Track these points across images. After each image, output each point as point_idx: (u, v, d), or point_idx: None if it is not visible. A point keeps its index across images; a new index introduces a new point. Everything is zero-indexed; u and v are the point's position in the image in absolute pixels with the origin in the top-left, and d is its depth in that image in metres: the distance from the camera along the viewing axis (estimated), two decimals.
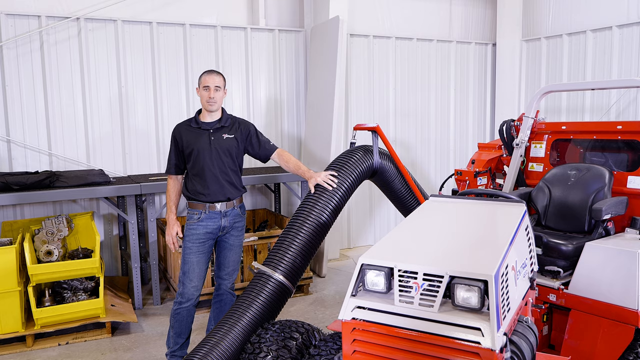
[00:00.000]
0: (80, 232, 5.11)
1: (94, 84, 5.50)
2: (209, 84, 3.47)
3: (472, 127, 7.86)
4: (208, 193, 3.50)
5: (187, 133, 3.52)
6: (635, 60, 6.15)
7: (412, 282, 2.05)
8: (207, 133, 3.51)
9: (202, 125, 3.52)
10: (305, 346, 2.89)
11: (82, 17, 5.36)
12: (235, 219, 3.60)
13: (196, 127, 3.52)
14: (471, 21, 7.73)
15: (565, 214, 3.58)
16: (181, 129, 3.56)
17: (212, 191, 3.50)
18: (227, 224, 3.56)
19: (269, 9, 6.36)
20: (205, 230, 3.51)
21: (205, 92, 3.48)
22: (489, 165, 4.60)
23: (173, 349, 3.60)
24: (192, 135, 3.51)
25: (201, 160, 3.48)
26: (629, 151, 3.77)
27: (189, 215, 3.56)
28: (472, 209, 2.73)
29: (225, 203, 3.54)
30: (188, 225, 3.55)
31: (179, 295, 3.53)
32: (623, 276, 2.90)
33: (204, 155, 3.47)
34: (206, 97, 3.47)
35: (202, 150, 3.47)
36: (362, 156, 3.80)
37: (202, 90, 3.50)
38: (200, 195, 3.50)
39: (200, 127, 3.52)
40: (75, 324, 4.26)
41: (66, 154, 5.43)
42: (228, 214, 3.56)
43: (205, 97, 3.48)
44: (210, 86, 3.47)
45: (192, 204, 3.56)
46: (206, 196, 3.50)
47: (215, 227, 3.53)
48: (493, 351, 1.83)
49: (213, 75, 3.51)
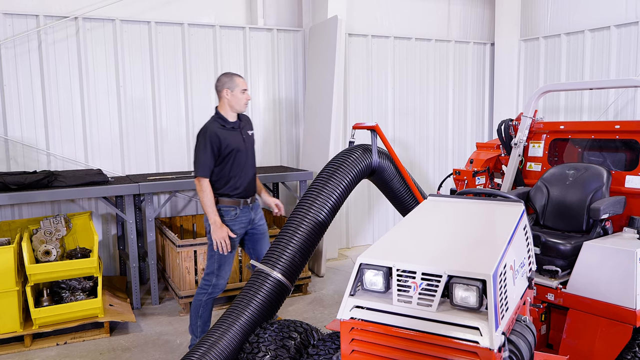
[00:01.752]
0: (79, 232, 5.10)
1: (92, 83, 5.50)
2: (246, 87, 3.69)
3: (470, 127, 7.86)
4: (244, 189, 3.71)
5: (223, 133, 3.62)
6: (633, 59, 6.16)
7: (411, 281, 2.05)
8: (238, 132, 3.73)
9: (232, 125, 3.70)
10: (304, 346, 2.89)
11: (80, 17, 5.35)
12: (257, 211, 3.87)
13: (230, 127, 3.68)
14: (469, 21, 7.73)
15: (564, 213, 3.59)
16: (217, 131, 3.60)
17: (247, 186, 3.73)
18: (254, 216, 3.81)
19: (267, 9, 6.36)
20: (240, 225, 3.70)
21: (243, 95, 3.66)
22: (487, 165, 4.60)
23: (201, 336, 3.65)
24: (229, 135, 3.65)
25: (239, 158, 3.68)
26: (627, 151, 3.78)
27: (225, 211, 3.66)
28: (470, 208, 2.73)
29: (252, 197, 3.80)
30: (225, 221, 3.65)
31: (212, 286, 3.68)
32: (621, 275, 2.90)
33: (241, 153, 3.69)
34: (245, 100, 3.67)
35: (240, 149, 3.67)
36: (360, 155, 3.80)
37: (239, 93, 3.65)
38: (236, 192, 3.67)
39: (233, 127, 3.70)
40: (73, 323, 4.25)
41: (64, 154, 5.42)
42: (254, 207, 3.82)
43: (244, 99, 3.67)
44: (247, 89, 3.70)
45: (226, 202, 3.67)
46: (241, 193, 3.69)
47: (247, 221, 3.76)
48: (491, 350, 1.83)
49: (242, 79, 3.71)
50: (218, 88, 3.70)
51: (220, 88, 3.67)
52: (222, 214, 3.65)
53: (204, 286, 3.71)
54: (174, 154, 5.96)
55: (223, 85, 3.65)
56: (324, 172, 3.74)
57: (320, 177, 3.72)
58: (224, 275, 3.69)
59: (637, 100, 6.13)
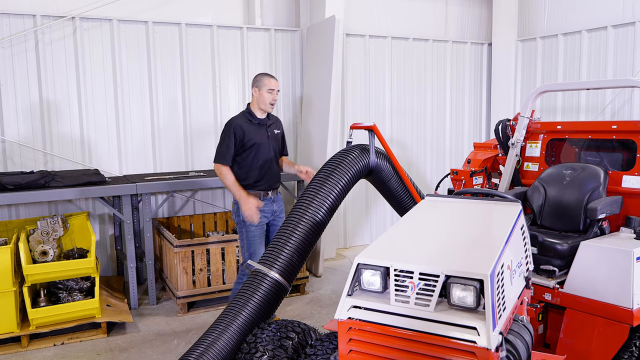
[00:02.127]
0: (76, 232, 5.09)
1: (89, 83, 5.48)
2: (274, 87, 4.00)
3: (467, 127, 7.87)
4: (265, 182, 4.02)
5: (249, 127, 3.98)
6: (630, 60, 6.18)
7: (408, 281, 2.05)
8: (264, 128, 4.06)
9: (259, 121, 4.04)
10: (302, 346, 2.89)
11: (77, 17, 5.34)
12: (279, 203, 4.18)
13: (256, 122, 4.02)
14: (467, 21, 7.74)
15: (561, 213, 3.59)
16: (242, 123, 3.97)
17: (268, 180, 4.04)
18: (276, 208, 4.14)
19: (265, 9, 6.36)
20: (263, 215, 4.01)
21: (269, 94, 3.98)
22: (484, 165, 4.61)
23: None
24: (254, 129, 3.99)
25: (261, 152, 3.99)
26: (623, 151, 3.79)
27: None
28: (467, 208, 2.73)
29: (274, 190, 4.11)
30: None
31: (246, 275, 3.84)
32: (618, 275, 2.91)
33: (263, 147, 4.00)
34: (270, 99, 3.99)
35: (262, 143, 3.99)
36: (358, 155, 3.80)
37: (266, 92, 3.97)
38: (257, 184, 4.00)
39: (259, 123, 4.03)
40: (70, 324, 4.25)
41: (61, 154, 5.41)
42: (276, 200, 4.14)
43: (269, 98, 3.98)
44: (274, 89, 4.00)
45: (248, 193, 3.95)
46: (262, 185, 4.02)
47: (269, 212, 4.07)
48: (489, 350, 1.84)
49: (274, 79, 4.02)
50: (252, 85, 4.09)
51: (252, 85, 4.07)
52: None
53: (241, 275, 4.07)
54: (171, 153, 5.95)
55: (253, 84, 4.04)
56: (321, 172, 3.73)
57: (317, 177, 3.72)
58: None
59: (634, 101, 6.14)
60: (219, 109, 6.15)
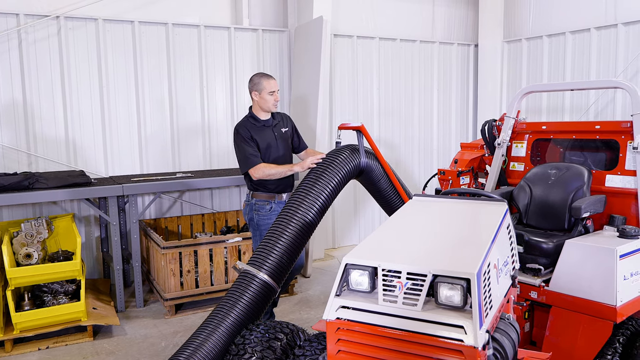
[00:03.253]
0: (61, 234, 5.03)
1: (74, 83, 5.43)
2: (274, 89, 3.94)
3: (455, 127, 7.93)
4: (278, 184, 3.95)
5: (256, 130, 3.93)
6: (612, 61, 6.27)
7: (396, 281, 2.06)
8: (270, 129, 4.00)
9: (264, 122, 3.99)
10: (290, 347, 2.89)
11: (62, 16, 5.28)
12: None
13: (261, 125, 3.97)
14: (454, 22, 7.80)
15: (546, 212, 3.63)
16: (249, 127, 3.92)
17: (282, 183, 3.96)
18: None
19: (252, 9, 6.34)
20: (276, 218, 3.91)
21: (271, 97, 3.92)
22: (471, 165, 4.64)
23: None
24: (261, 131, 3.95)
25: (271, 153, 3.95)
26: (607, 150, 3.84)
27: (259, 206, 3.96)
28: (454, 208, 2.75)
29: (288, 192, 4.01)
30: (260, 215, 3.96)
31: None
32: (602, 273, 2.95)
33: (272, 149, 3.96)
34: (272, 101, 3.94)
35: (271, 145, 3.95)
36: (349, 155, 3.80)
37: (267, 95, 3.91)
38: (272, 187, 3.94)
39: (265, 125, 3.98)
40: (55, 328, 4.19)
41: (46, 155, 5.34)
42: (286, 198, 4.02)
43: (271, 101, 3.93)
44: (275, 90, 3.94)
45: (261, 195, 3.96)
46: (276, 187, 3.95)
47: None
48: (475, 348, 1.85)
49: (273, 80, 3.97)
50: (249, 89, 4.01)
51: (250, 90, 3.99)
52: (257, 208, 3.96)
53: None
54: (158, 154, 5.91)
55: (252, 88, 3.97)
56: (312, 173, 3.73)
57: (308, 177, 3.71)
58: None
59: (617, 101, 6.24)
60: (206, 109, 6.12)
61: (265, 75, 3.99)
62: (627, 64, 6.07)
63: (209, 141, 6.17)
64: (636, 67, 6.04)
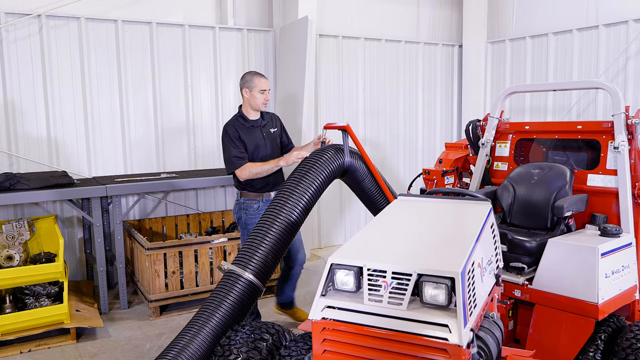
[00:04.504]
0: (43, 236, 4.96)
1: (56, 82, 5.35)
2: (265, 87, 3.91)
3: (439, 127, 7.99)
4: (266, 183, 3.95)
5: (244, 130, 3.92)
6: (594, 62, 6.37)
7: (381, 280, 2.06)
8: (259, 129, 3.99)
9: (253, 123, 3.97)
10: (276, 347, 2.88)
11: (43, 14, 5.20)
12: None
13: (249, 125, 3.96)
14: (438, 23, 7.85)
15: (529, 211, 3.68)
16: (237, 127, 3.91)
17: (269, 181, 3.96)
18: None
19: (237, 9, 6.32)
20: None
21: (261, 95, 3.90)
22: (456, 165, 4.67)
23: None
24: (249, 132, 3.94)
25: (259, 155, 3.95)
26: (588, 150, 3.90)
27: (247, 205, 3.97)
28: (439, 207, 2.77)
29: (276, 191, 3.86)
30: (247, 214, 3.97)
31: None
32: (584, 271, 3.00)
33: (260, 150, 3.95)
34: (262, 100, 3.92)
35: (259, 146, 3.95)
36: (333, 155, 3.81)
37: (257, 93, 3.89)
38: (258, 186, 3.94)
39: (253, 125, 3.97)
40: (38, 330, 4.13)
41: (27, 155, 5.26)
42: None
43: (261, 99, 3.91)
44: (266, 89, 3.91)
45: (249, 195, 3.97)
46: (265, 187, 3.96)
47: None
48: (460, 347, 1.87)
49: (264, 79, 3.94)
50: (240, 86, 3.98)
51: (241, 87, 3.96)
52: (245, 207, 3.96)
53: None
54: (142, 154, 5.86)
55: (243, 85, 3.94)
56: (296, 172, 3.72)
57: (292, 177, 3.71)
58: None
59: (598, 102, 6.33)
60: (190, 109, 6.08)
61: (258, 73, 3.97)
62: (608, 64, 6.17)
63: (193, 141, 6.13)
64: (617, 68, 6.14)
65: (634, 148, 3.41)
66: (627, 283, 3.18)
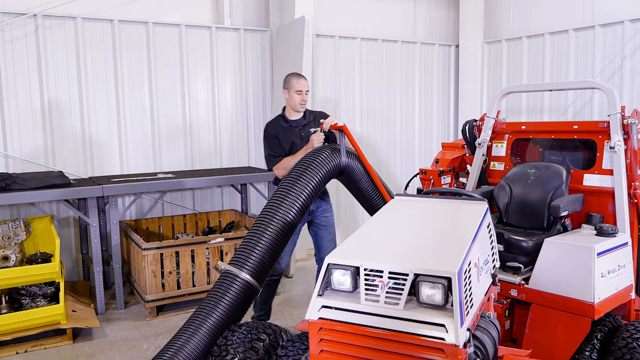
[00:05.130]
0: (39, 236, 4.95)
1: (52, 82, 5.34)
2: (302, 88, 3.98)
3: (436, 127, 8.00)
4: None
5: (281, 130, 4.03)
6: (590, 62, 6.39)
7: (378, 280, 2.06)
8: (297, 129, 4.05)
9: (291, 123, 4.05)
10: (273, 347, 2.88)
11: (39, 14, 5.19)
12: (321, 202, 4.14)
13: (288, 125, 4.04)
14: (435, 23, 7.86)
15: (526, 211, 3.68)
16: (275, 126, 4.05)
17: None
18: (314, 208, 4.10)
19: (234, 8, 6.31)
20: None
21: (298, 95, 3.98)
22: (452, 165, 4.67)
23: (259, 314, 4.12)
24: (286, 132, 4.03)
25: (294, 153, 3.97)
26: (585, 150, 3.90)
27: None
28: (436, 207, 2.77)
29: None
30: None
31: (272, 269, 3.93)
32: (580, 270, 3.00)
33: (296, 149, 3.99)
34: (299, 100, 3.99)
35: (296, 145, 4.00)
36: (329, 155, 3.80)
37: (294, 93, 3.98)
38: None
39: (291, 125, 4.04)
40: (34, 331, 4.12)
41: (23, 155, 5.24)
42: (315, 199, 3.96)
43: (298, 100, 3.99)
44: (302, 90, 3.98)
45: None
46: None
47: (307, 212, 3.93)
48: (457, 346, 1.87)
49: (303, 80, 4.00)
50: (283, 86, 4.08)
51: (283, 87, 4.07)
52: None
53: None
54: (139, 154, 5.85)
55: (284, 85, 4.05)
56: (292, 173, 3.72)
57: (289, 177, 3.71)
58: (281, 259, 3.93)
59: (595, 102, 6.35)
60: (187, 109, 6.07)
61: (297, 74, 4.06)
62: (604, 65, 6.19)
63: (190, 141, 6.13)
64: (613, 68, 6.16)
65: (629, 148, 3.42)
66: (623, 283, 3.19)
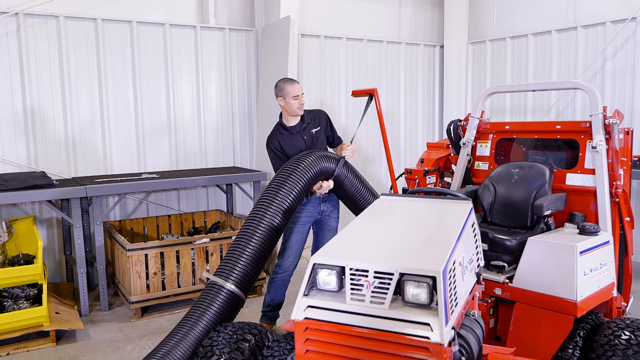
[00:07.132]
0: (21, 238, 4.87)
1: (34, 82, 5.26)
2: (299, 92, 3.93)
3: (421, 127, 8.04)
4: None
5: (284, 139, 3.98)
6: (572, 62, 6.47)
7: (363, 280, 2.07)
8: (299, 134, 4.01)
9: (292, 129, 3.99)
10: (259, 348, 2.87)
11: (21, 12, 5.10)
12: (332, 204, 4.12)
13: (289, 132, 3.99)
14: (420, 23, 7.90)
15: (509, 210, 3.72)
16: (278, 138, 3.99)
17: None
18: (325, 208, 4.09)
19: (219, 8, 6.28)
20: (306, 214, 4.01)
21: (295, 101, 3.92)
22: (437, 164, 4.71)
23: (266, 309, 4.14)
24: (290, 140, 3.98)
25: None
26: (567, 150, 3.95)
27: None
28: (421, 207, 2.79)
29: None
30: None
31: (277, 266, 4.09)
32: (563, 269, 3.04)
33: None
34: (297, 105, 3.93)
35: (302, 150, 3.96)
36: (313, 160, 3.80)
37: (291, 100, 3.91)
38: None
39: (292, 132, 3.99)
40: (16, 333, 4.06)
41: (5, 156, 5.16)
42: (327, 200, 4.08)
43: (296, 105, 3.92)
44: (299, 94, 3.92)
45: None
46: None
47: (315, 212, 4.05)
48: (441, 345, 1.88)
49: (297, 84, 3.96)
50: (275, 95, 4.01)
51: (276, 96, 3.99)
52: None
53: (275, 266, 4.14)
54: (123, 154, 5.79)
55: (277, 94, 3.97)
56: (277, 178, 3.72)
57: (273, 183, 3.70)
58: (287, 257, 4.05)
59: (577, 102, 6.44)
60: (172, 108, 6.02)
61: (289, 80, 3.99)
62: (587, 65, 6.28)
63: (175, 141, 6.08)
64: (595, 68, 6.25)
65: (611, 148, 3.47)
66: (605, 281, 3.24)
